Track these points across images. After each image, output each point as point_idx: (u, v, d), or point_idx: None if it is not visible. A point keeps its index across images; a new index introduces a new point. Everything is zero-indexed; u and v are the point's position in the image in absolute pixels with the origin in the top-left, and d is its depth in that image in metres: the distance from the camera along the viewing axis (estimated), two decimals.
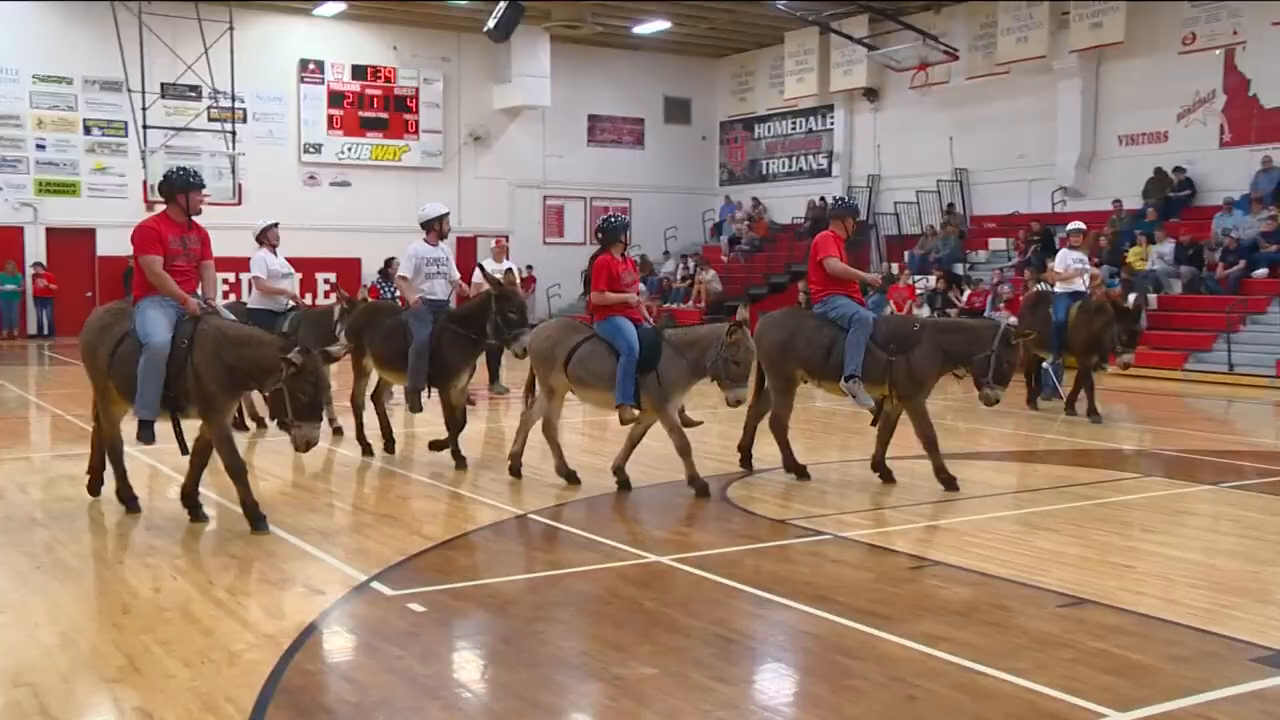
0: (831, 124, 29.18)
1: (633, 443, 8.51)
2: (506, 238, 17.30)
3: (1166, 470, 9.77)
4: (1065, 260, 13.28)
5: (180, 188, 7.43)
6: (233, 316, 7.88)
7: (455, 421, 9.39)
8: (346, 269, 27.40)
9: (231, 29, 25.09)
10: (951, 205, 25.32)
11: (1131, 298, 12.78)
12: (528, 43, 27.63)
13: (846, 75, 27.35)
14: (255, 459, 9.85)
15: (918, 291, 22.08)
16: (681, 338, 8.27)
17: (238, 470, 7.08)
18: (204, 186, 7.65)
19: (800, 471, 8.88)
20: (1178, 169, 21.44)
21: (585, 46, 29.57)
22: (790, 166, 30.65)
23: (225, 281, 26.99)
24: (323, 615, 5.48)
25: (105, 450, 7.68)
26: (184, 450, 7.22)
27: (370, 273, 26.85)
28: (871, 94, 27.65)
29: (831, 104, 28.80)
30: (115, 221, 25.35)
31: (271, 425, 7.92)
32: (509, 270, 9.25)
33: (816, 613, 5.48)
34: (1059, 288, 13.22)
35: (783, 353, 8.80)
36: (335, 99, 27.90)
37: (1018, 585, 6.02)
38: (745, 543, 7.02)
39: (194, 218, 7.50)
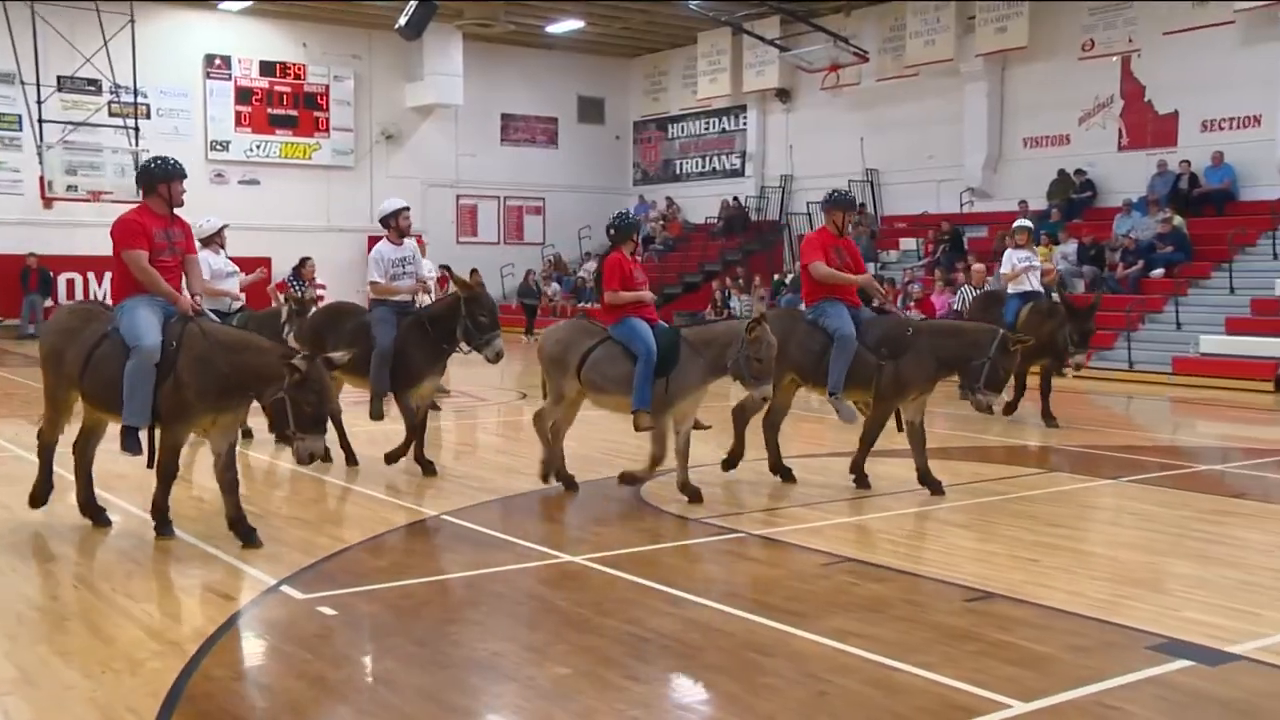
0: (744, 124, 29.40)
1: (682, 454, 8.04)
2: (419, 236, 17.14)
3: (1071, 466, 10.00)
4: (1011, 260, 12.81)
5: (161, 177, 6.96)
6: (215, 318, 7.52)
7: (414, 426, 9.07)
8: (255, 267, 26.83)
9: (133, 22, 24.44)
10: (863, 205, 25.67)
11: (1056, 296, 12.69)
12: (440, 41, 27.42)
13: (759, 76, 27.60)
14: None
15: None
16: (699, 336, 7.95)
17: (169, 473, 6.70)
18: (186, 175, 7.13)
19: (731, 466, 8.88)
20: (1079, 171, 22.00)
21: (498, 45, 29.42)
22: (704, 166, 30.83)
23: None
24: (230, 620, 5.37)
25: (45, 456, 7.19)
26: (151, 463, 6.76)
27: (281, 272, 26.41)
28: (784, 94, 27.93)
29: (744, 104, 29.02)
30: (9, 218, 24.64)
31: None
32: (474, 270, 8.95)
33: (730, 610, 5.51)
34: (1009, 288, 12.80)
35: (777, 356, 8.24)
36: (243, 95, 27.40)
37: (928, 580, 6.12)
38: (659, 541, 7.04)
39: (175, 210, 7.04)
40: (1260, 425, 13.51)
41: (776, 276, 25.87)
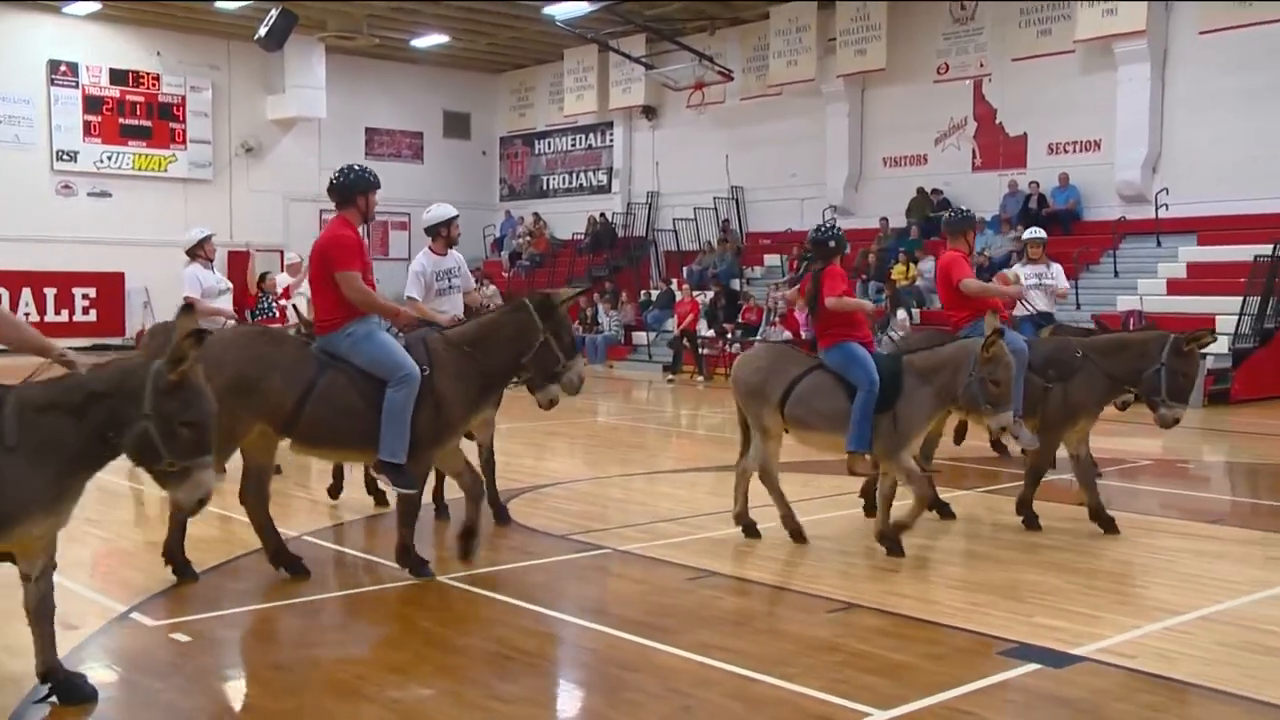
0: (611, 141, 29.57)
1: (880, 493, 7.26)
2: (287, 255, 16.77)
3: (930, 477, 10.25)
4: (1022, 277, 10.87)
5: (361, 189, 6.58)
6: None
7: (489, 463, 8.06)
8: (107, 284, 25.97)
9: None
10: (728, 222, 26.08)
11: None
12: (302, 53, 26.87)
13: (625, 93, 27.80)
14: None
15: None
16: (926, 361, 7.03)
17: (415, 509, 6.36)
18: (380, 186, 6.77)
19: (944, 509, 8.25)
20: (936, 190, 22.71)
21: (362, 58, 28.98)
22: (570, 182, 30.88)
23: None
24: (75, 650, 5.14)
25: (255, 499, 6.43)
26: (381, 498, 6.44)
27: (136, 288, 25.46)
28: (650, 112, 28.19)
29: (611, 121, 29.17)
30: None
31: None
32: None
33: (594, 627, 5.52)
34: (1018, 311, 10.68)
35: None
36: (92, 104, 26.36)
37: (790, 593, 6.22)
38: (525, 559, 7.00)
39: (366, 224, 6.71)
40: (1105, 436, 14.04)
41: (644, 293, 26.06)
